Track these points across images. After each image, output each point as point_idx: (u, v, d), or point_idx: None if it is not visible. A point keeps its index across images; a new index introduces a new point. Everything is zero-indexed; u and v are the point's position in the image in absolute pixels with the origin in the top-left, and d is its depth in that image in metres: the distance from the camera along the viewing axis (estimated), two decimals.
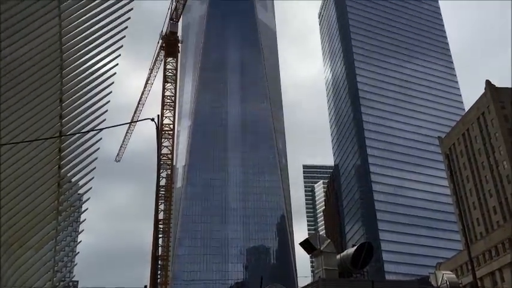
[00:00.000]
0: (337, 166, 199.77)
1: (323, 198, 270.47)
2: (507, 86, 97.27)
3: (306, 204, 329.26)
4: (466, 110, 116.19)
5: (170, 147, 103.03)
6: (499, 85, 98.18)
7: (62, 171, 33.37)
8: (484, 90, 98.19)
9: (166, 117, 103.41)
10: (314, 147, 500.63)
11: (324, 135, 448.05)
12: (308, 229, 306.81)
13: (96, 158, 34.68)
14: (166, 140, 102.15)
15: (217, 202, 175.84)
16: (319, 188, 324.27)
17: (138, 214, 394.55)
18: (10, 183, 29.38)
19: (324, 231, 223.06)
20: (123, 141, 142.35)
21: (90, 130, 33.05)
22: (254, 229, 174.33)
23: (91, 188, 36.08)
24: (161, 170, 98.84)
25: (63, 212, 34.85)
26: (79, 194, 37.13)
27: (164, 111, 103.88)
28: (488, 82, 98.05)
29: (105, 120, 33.62)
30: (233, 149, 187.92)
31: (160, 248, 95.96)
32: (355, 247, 40.18)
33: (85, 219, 41.40)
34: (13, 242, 31.31)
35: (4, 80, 26.40)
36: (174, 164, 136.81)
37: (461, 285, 46.59)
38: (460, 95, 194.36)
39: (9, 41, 26.01)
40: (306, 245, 40.24)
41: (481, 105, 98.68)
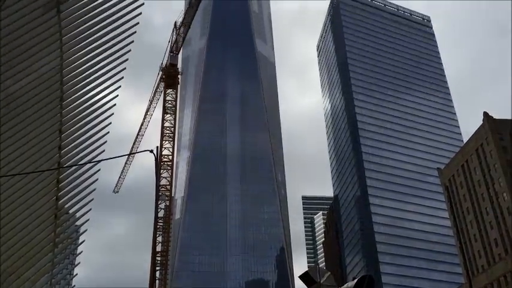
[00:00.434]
0: (336, 197, 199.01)
1: (323, 229, 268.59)
2: (506, 117, 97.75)
3: (306, 235, 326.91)
4: (465, 141, 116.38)
5: (169, 178, 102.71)
6: (498, 115, 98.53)
7: (60, 202, 33.12)
8: (482, 121, 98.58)
9: (165, 148, 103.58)
10: (313, 178, 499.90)
11: (324, 166, 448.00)
12: (308, 261, 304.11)
13: (94, 189, 34.46)
14: (165, 171, 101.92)
15: (215, 234, 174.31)
16: (318, 219, 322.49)
17: (137, 246, 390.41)
18: (7, 214, 29.16)
19: (324, 263, 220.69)
20: (121, 172, 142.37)
21: (88, 162, 32.95)
22: (253, 261, 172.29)
23: (88, 220, 35.79)
24: (160, 201, 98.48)
25: (59, 244, 34.45)
26: (76, 226, 36.76)
27: (163, 142, 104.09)
28: (486, 114, 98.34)
29: (104, 151, 33.57)
30: (232, 180, 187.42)
31: (157, 282, 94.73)
32: (355, 280, 39.60)
33: (81, 251, 40.81)
34: (11, 273, 30.89)
35: (4, 111, 26.49)
36: (173, 195, 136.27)
37: None
38: (458, 126, 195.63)
39: (9, 73, 26.21)
40: (306, 278, 39.51)
41: (480, 136, 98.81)
